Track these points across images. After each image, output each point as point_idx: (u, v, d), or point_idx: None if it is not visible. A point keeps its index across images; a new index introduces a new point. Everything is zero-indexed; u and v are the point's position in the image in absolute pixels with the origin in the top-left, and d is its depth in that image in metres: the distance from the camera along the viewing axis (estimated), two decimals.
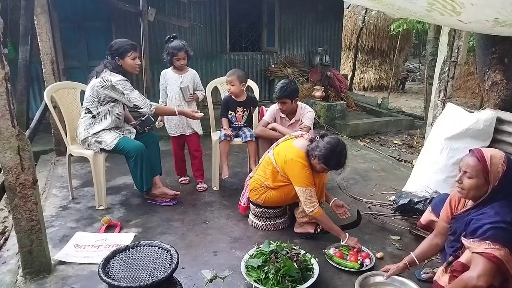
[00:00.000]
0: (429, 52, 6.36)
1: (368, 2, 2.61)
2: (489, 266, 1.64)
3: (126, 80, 2.98)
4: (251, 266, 2.17)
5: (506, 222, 1.68)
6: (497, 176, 1.74)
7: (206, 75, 7.02)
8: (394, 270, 2.08)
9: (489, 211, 1.74)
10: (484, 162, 1.74)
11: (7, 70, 1.91)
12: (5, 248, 2.64)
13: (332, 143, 2.46)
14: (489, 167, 1.74)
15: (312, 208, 2.48)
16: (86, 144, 3.04)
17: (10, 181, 2.02)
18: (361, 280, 2.11)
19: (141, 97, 3.00)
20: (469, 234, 1.75)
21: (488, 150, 1.81)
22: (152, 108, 3.00)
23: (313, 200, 2.48)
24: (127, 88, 2.95)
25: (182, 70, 3.46)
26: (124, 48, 2.96)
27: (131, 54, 2.98)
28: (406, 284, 2.09)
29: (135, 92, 2.99)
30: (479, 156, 1.76)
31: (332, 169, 2.55)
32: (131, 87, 2.99)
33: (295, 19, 7.70)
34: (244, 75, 3.43)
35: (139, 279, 1.77)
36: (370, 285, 2.14)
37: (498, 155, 1.77)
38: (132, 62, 3.01)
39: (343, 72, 9.97)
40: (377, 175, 4.05)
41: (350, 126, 6.53)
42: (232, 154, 3.85)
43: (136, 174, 3.06)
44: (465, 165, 1.80)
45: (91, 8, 5.99)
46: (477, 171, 1.76)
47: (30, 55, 4.14)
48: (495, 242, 1.65)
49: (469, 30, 3.02)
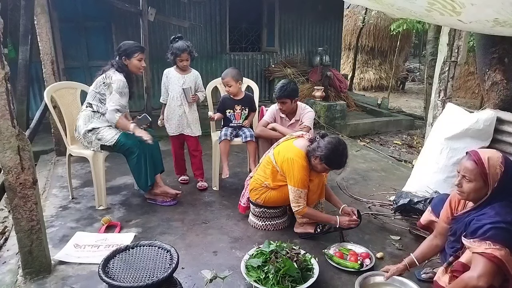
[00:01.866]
0: (429, 52, 6.36)
1: (368, 2, 2.61)
2: (490, 266, 1.64)
3: (125, 83, 3.02)
4: (251, 266, 2.17)
5: (507, 222, 1.68)
6: (496, 178, 1.74)
7: (206, 75, 7.01)
8: (394, 271, 2.08)
9: (489, 212, 1.74)
10: (482, 165, 1.74)
11: (7, 70, 1.91)
12: (5, 248, 2.64)
13: (333, 143, 2.46)
14: (487, 169, 1.73)
15: (298, 207, 2.55)
16: (86, 142, 3.04)
17: (10, 181, 2.02)
18: (361, 280, 2.11)
19: (118, 105, 2.98)
20: (470, 234, 1.75)
21: (485, 152, 1.80)
22: (117, 115, 2.98)
23: (300, 201, 2.54)
24: (119, 89, 2.98)
25: (185, 71, 3.47)
26: (132, 49, 3.07)
27: (138, 55, 3.08)
28: (406, 284, 2.09)
29: (121, 99, 3.00)
30: (477, 159, 1.76)
31: (334, 169, 2.56)
32: (122, 92, 3.01)
33: (295, 19, 7.70)
34: (238, 73, 3.45)
35: (139, 279, 1.77)
36: (370, 285, 2.14)
37: (496, 156, 1.76)
38: (138, 63, 3.10)
39: (343, 72, 9.97)
40: (377, 175, 4.05)
41: (350, 126, 6.53)
42: (232, 154, 3.85)
43: (139, 171, 3.06)
44: (463, 168, 1.80)
45: (91, 8, 6.00)
46: (475, 175, 1.75)
47: (30, 55, 4.14)
48: (496, 242, 1.65)
49: (469, 30, 3.02)
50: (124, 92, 3.03)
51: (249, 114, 3.57)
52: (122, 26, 6.23)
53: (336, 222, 2.57)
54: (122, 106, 3.03)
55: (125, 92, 3.04)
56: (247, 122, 3.53)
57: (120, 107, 3.00)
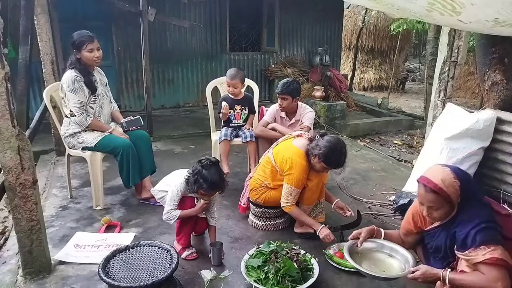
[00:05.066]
0: (429, 52, 6.36)
1: (368, 2, 2.61)
2: (499, 270, 1.63)
3: (74, 78, 2.87)
4: (251, 266, 2.17)
5: (486, 221, 1.70)
6: (457, 193, 1.77)
7: (206, 75, 7.03)
8: (364, 234, 2.08)
9: (466, 219, 1.76)
10: (441, 191, 1.76)
11: (7, 70, 1.91)
12: (5, 248, 2.64)
13: (332, 142, 2.46)
14: (447, 192, 1.76)
15: (286, 204, 2.57)
16: (70, 145, 3.05)
17: (10, 181, 2.02)
18: (349, 246, 2.08)
19: (81, 105, 2.91)
20: (460, 247, 1.76)
21: (436, 175, 1.80)
22: (89, 119, 2.94)
23: (289, 198, 2.55)
24: (69, 87, 2.86)
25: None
26: (80, 41, 2.87)
27: (87, 46, 2.87)
28: (396, 250, 2.07)
29: (76, 96, 2.88)
30: (435, 188, 1.77)
31: (332, 168, 2.55)
32: (75, 89, 2.87)
33: (295, 19, 7.71)
34: (244, 75, 3.46)
35: (139, 279, 1.77)
36: (359, 252, 2.10)
37: (447, 174, 1.78)
38: (89, 55, 2.90)
39: (343, 72, 9.97)
40: (377, 175, 4.05)
41: (350, 126, 6.53)
42: (232, 154, 3.85)
43: (121, 169, 3.04)
44: (426, 201, 1.82)
45: (91, 8, 6.00)
46: (440, 203, 1.78)
47: (30, 55, 4.14)
48: (488, 244, 1.66)
49: (469, 30, 3.02)
50: (75, 87, 2.87)
51: (249, 116, 3.57)
52: (122, 26, 6.23)
53: (317, 229, 2.53)
54: (82, 104, 2.91)
55: (77, 87, 2.88)
56: (248, 126, 3.52)
57: (81, 105, 2.90)
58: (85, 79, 2.93)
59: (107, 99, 3.20)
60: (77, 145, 3.02)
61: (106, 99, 3.18)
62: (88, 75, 2.96)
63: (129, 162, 3.00)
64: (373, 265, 2.05)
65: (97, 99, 3.05)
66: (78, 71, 2.91)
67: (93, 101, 3.03)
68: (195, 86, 7.13)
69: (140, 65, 5.36)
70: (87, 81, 2.95)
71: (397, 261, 2.05)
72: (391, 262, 2.07)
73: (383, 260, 2.09)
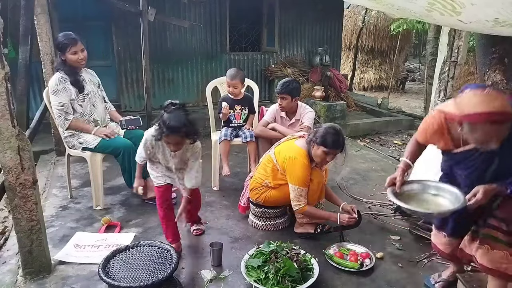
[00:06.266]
0: (429, 52, 6.36)
1: (368, 2, 2.61)
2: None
3: (59, 79, 2.89)
4: (251, 266, 2.17)
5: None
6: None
7: (206, 75, 7.02)
8: (399, 179, 1.96)
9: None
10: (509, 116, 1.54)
11: (7, 70, 1.92)
12: (5, 248, 2.64)
13: (328, 126, 2.54)
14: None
15: (299, 206, 2.55)
16: (70, 145, 3.05)
17: (10, 181, 2.02)
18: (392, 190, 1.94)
19: (61, 107, 2.91)
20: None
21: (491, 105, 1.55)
22: (66, 122, 2.94)
23: (301, 199, 2.55)
24: (52, 89, 2.87)
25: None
26: (63, 44, 2.89)
27: (70, 49, 2.89)
28: (442, 188, 1.91)
29: (57, 98, 2.88)
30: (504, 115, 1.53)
31: (333, 149, 2.48)
32: (57, 90, 2.88)
33: (295, 19, 7.70)
34: (244, 75, 3.46)
35: (139, 279, 1.77)
36: (403, 194, 1.96)
37: (501, 98, 1.56)
38: (73, 57, 2.92)
39: (343, 72, 9.97)
40: (377, 175, 4.05)
41: (350, 126, 6.53)
42: (232, 154, 3.85)
43: (123, 170, 3.06)
44: (497, 133, 1.57)
45: (91, 8, 5.99)
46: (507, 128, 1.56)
47: (30, 55, 4.14)
48: None
49: (469, 30, 3.02)
50: (58, 89, 2.89)
51: (249, 116, 3.57)
52: (122, 26, 6.22)
53: (336, 219, 2.57)
54: (63, 106, 2.91)
55: (59, 89, 2.89)
56: (248, 126, 3.52)
57: (62, 107, 2.90)
58: (71, 78, 2.95)
59: (99, 98, 3.21)
60: (77, 145, 3.02)
61: (98, 98, 3.19)
62: (74, 74, 2.98)
63: (130, 162, 3.01)
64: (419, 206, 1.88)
65: (86, 97, 3.05)
66: (63, 72, 2.94)
67: (81, 99, 3.03)
68: (195, 86, 7.13)
69: (140, 65, 5.35)
70: (73, 80, 2.96)
71: (444, 199, 1.90)
72: (439, 200, 1.91)
73: (430, 200, 1.94)
